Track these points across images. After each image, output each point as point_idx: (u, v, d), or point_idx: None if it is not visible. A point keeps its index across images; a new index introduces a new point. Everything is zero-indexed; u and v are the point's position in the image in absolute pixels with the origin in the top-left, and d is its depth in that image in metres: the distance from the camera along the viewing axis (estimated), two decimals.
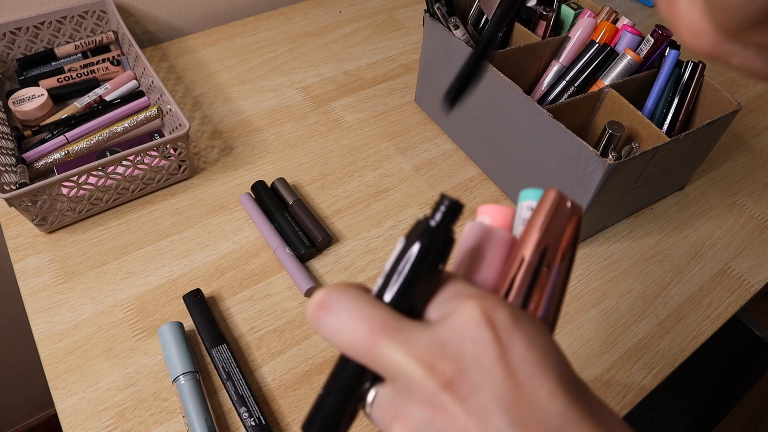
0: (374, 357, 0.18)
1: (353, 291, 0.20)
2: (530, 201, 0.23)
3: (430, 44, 0.64)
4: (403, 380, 0.18)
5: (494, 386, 0.17)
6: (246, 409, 0.43)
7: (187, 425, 0.42)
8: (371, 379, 0.19)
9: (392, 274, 0.20)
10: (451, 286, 0.20)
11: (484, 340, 0.17)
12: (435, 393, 0.17)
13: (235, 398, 0.44)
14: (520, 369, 0.17)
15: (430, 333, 0.18)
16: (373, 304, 0.19)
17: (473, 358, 0.17)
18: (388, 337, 0.18)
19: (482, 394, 0.17)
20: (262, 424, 0.43)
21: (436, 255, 0.20)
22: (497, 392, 0.17)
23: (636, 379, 0.49)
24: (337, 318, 0.19)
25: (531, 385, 0.17)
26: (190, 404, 0.43)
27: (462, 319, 0.18)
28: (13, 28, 0.67)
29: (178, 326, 0.47)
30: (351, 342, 0.19)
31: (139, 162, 0.55)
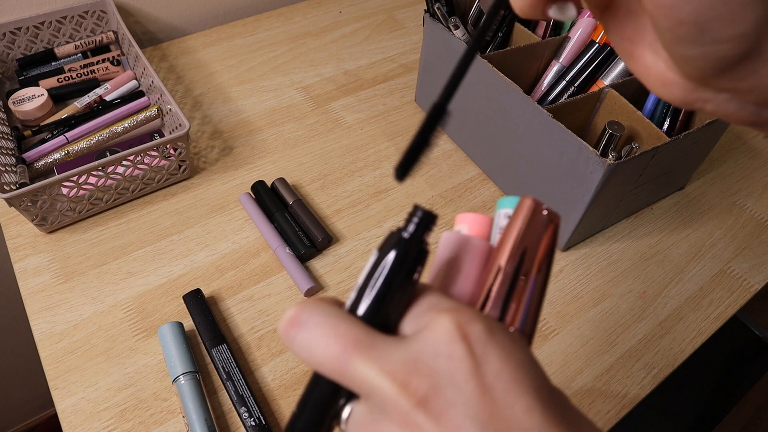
0: (347, 374, 0.18)
1: (325, 306, 0.19)
2: (507, 209, 0.22)
3: (430, 44, 0.64)
4: (376, 398, 0.17)
5: (469, 402, 0.16)
6: (246, 409, 0.43)
7: (187, 425, 0.42)
8: (346, 396, 0.19)
9: (365, 287, 0.19)
10: (426, 299, 0.20)
11: (458, 355, 0.17)
12: (408, 411, 0.17)
13: (235, 398, 0.44)
14: (495, 384, 0.17)
15: (404, 348, 0.18)
16: (346, 320, 0.19)
17: (447, 374, 0.17)
18: (361, 353, 0.18)
19: (456, 410, 0.16)
20: (262, 424, 0.43)
21: (409, 267, 0.19)
22: (472, 408, 0.16)
23: (636, 379, 0.49)
24: (309, 335, 0.19)
25: (506, 401, 0.17)
26: (190, 404, 0.43)
27: (436, 334, 0.18)
28: (13, 28, 0.67)
29: (178, 326, 0.47)
30: (323, 359, 0.18)
31: (139, 162, 0.55)
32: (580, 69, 0.59)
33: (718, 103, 0.19)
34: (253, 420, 0.43)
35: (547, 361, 0.49)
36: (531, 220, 0.21)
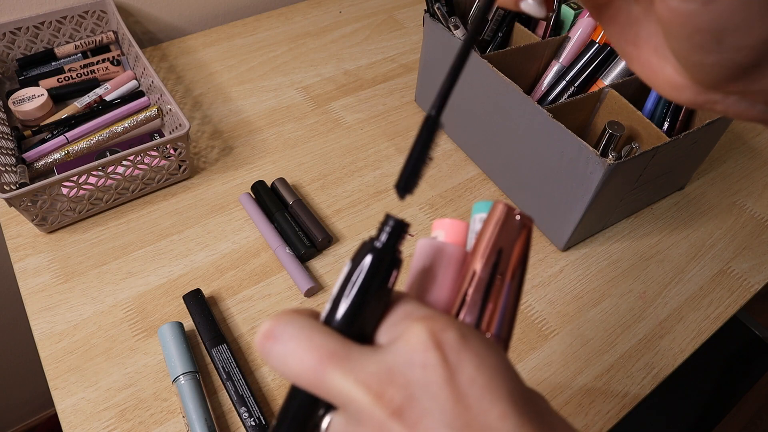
0: (323, 386, 0.18)
1: (300, 319, 0.19)
2: (482, 213, 0.22)
3: (430, 44, 0.64)
4: (352, 408, 0.17)
5: (443, 411, 0.16)
6: (246, 409, 0.43)
7: (187, 425, 0.42)
8: (325, 407, 0.19)
9: (340, 297, 0.19)
10: (400, 308, 0.20)
11: (431, 364, 0.17)
12: (384, 421, 0.17)
13: (235, 398, 0.44)
14: (469, 391, 0.17)
15: (378, 359, 0.18)
16: (321, 331, 0.19)
17: (421, 384, 0.17)
18: (336, 365, 0.18)
19: (431, 419, 0.16)
20: (262, 424, 0.43)
21: (383, 275, 0.19)
22: (446, 417, 0.16)
23: (636, 379, 0.49)
24: (284, 347, 0.19)
25: (481, 408, 0.17)
26: (190, 404, 0.43)
27: (410, 343, 0.18)
28: (13, 28, 0.67)
29: (178, 326, 0.47)
30: (299, 372, 0.18)
31: (139, 162, 0.55)
32: (580, 69, 0.59)
33: (727, 104, 0.19)
34: (253, 420, 0.43)
35: (547, 361, 0.49)
36: (504, 225, 0.21)
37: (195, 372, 0.45)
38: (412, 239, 0.58)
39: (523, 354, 0.50)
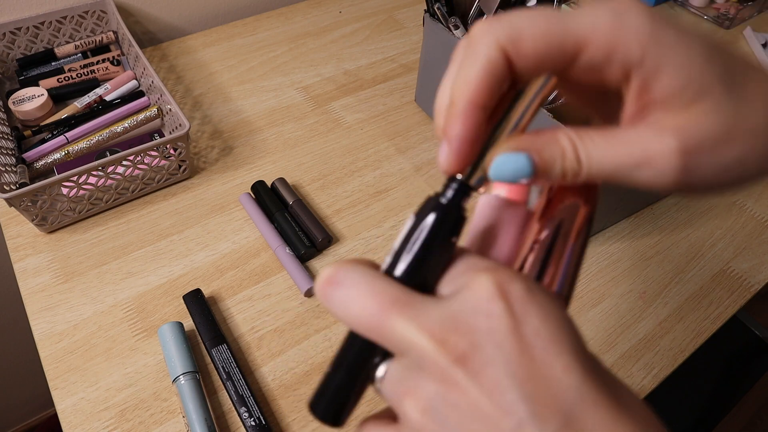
0: (384, 332, 0.18)
1: (363, 266, 0.19)
2: None
3: (430, 44, 0.64)
4: (414, 355, 0.17)
5: (507, 360, 0.16)
6: (246, 409, 0.43)
7: (187, 425, 0.42)
8: (381, 355, 0.19)
9: (402, 251, 0.19)
10: (463, 261, 0.19)
11: (497, 314, 0.17)
12: (447, 368, 0.17)
13: (235, 398, 0.44)
14: (534, 342, 0.17)
15: (442, 307, 0.18)
16: (383, 279, 0.19)
17: (486, 332, 0.17)
18: (399, 311, 0.18)
19: (495, 368, 0.16)
20: (262, 424, 0.43)
21: (446, 233, 0.19)
22: (511, 366, 0.16)
23: (636, 379, 0.49)
24: (346, 293, 0.19)
25: (545, 359, 0.16)
26: (190, 404, 0.43)
27: (475, 293, 0.18)
28: (13, 28, 0.67)
29: (178, 326, 0.47)
30: (360, 317, 0.18)
31: (139, 162, 0.55)
32: None
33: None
34: (253, 420, 0.43)
35: None
36: (570, 185, 0.21)
37: (195, 372, 0.45)
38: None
39: None
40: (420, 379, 0.17)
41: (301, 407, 0.46)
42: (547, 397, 0.16)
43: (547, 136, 0.20)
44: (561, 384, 0.16)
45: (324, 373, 0.20)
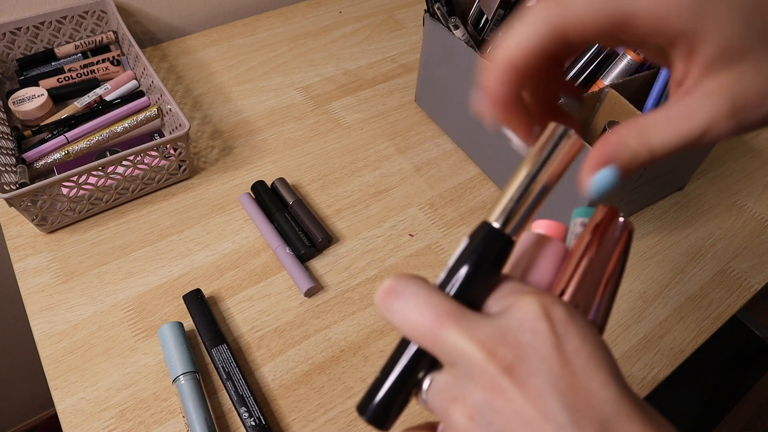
0: (438, 341, 0.19)
1: (420, 281, 0.21)
2: (583, 218, 0.24)
3: (430, 44, 0.64)
4: (464, 364, 0.19)
5: (551, 372, 0.18)
6: (246, 409, 0.43)
7: (187, 425, 0.42)
8: (427, 367, 0.21)
9: (455, 269, 0.21)
10: (508, 285, 0.21)
11: (542, 330, 0.19)
12: (495, 376, 0.18)
13: (235, 398, 0.44)
14: (575, 359, 0.18)
15: (492, 322, 0.19)
16: (439, 294, 0.20)
17: (532, 346, 0.18)
18: (453, 322, 0.19)
19: (539, 379, 0.18)
20: (262, 424, 0.43)
21: (497, 255, 0.21)
22: (553, 378, 0.18)
23: (636, 379, 0.49)
24: (405, 303, 0.20)
25: (585, 374, 0.18)
26: (190, 404, 0.43)
27: (521, 311, 0.19)
28: (13, 28, 0.67)
29: (178, 326, 0.47)
30: (417, 325, 0.20)
31: (139, 162, 0.55)
32: (580, 69, 0.59)
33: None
34: (253, 420, 0.43)
35: None
36: (608, 225, 0.23)
37: (195, 372, 0.45)
38: (411, 239, 0.58)
39: None
40: (468, 386, 0.19)
41: (301, 407, 0.46)
42: (586, 407, 0.17)
43: (616, 141, 0.21)
44: (599, 397, 0.18)
45: (374, 378, 0.21)
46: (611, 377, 0.18)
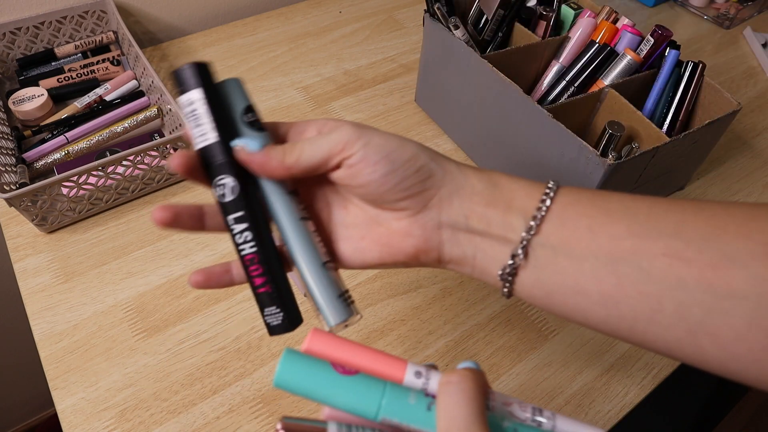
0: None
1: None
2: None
3: (430, 44, 0.64)
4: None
5: None
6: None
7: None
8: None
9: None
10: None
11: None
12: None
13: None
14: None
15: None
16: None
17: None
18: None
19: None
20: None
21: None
22: None
23: (636, 379, 0.49)
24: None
25: None
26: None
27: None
28: (13, 28, 0.67)
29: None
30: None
31: (139, 162, 0.55)
32: (580, 69, 0.59)
33: (443, 234, 0.29)
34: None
35: (546, 361, 0.49)
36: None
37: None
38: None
39: (523, 354, 0.50)
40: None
41: (301, 407, 0.46)
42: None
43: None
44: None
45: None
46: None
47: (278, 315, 0.29)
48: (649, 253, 0.24)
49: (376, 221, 0.30)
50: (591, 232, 0.26)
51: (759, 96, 0.79)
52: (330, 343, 0.24)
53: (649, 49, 0.57)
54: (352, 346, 0.24)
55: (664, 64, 0.57)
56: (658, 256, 0.24)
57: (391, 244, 0.29)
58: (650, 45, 0.57)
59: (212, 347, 0.48)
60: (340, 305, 0.29)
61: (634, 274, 0.24)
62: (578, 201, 0.27)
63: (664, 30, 0.56)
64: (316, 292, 0.29)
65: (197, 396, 0.45)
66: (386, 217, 0.29)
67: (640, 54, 0.58)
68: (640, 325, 0.25)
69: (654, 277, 0.24)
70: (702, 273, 0.23)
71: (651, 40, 0.57)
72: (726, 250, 0.23)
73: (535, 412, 0.23)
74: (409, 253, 0.29)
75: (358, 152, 0.27)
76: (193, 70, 0.28)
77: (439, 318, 0.52)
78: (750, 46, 0.88)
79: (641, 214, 0.25)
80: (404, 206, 0.28)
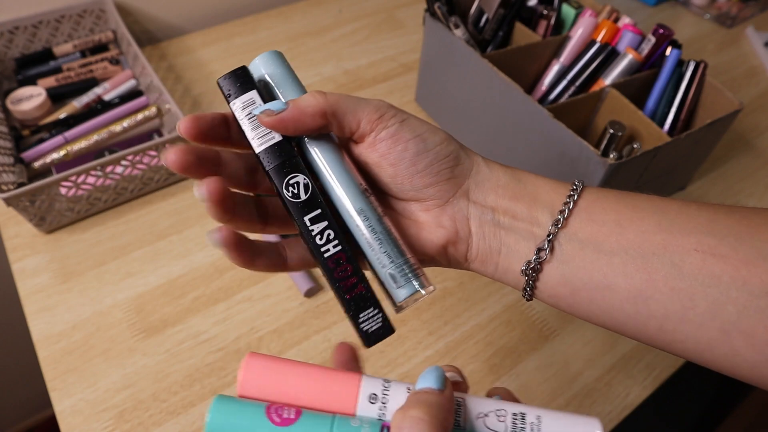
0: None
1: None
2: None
3: (430, 43, 0.64)
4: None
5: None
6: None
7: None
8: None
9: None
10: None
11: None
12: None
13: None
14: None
15: None
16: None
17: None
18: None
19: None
20: None
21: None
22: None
23: (637, 379, 0.48)
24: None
25: None
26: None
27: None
28: (11, 27, 0.67)
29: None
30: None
31: (138, 162, 0.55)
32: (581, 68, 0.58)
33: (472, 216, 0.27)
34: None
35: (548, 361, 0.49)
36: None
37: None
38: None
39: (524, 355, 0.50)
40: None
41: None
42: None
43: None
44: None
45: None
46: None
47: (377, 317, 0.26)
48: (680, 248, 0.23)
49: (402, 214, 0.28)
50: (620, 226, 0.25)
51: (761, 95, 0.79)
52: (268, 370, 0.22)
53: (650, 48, 0.57)
54: (296, 370, 0.22)
55: (666, 64, 0.57)
56: (690, 252, 0.23)
57: (420, 237, 0.27)
58: (651, 44, 0.57)
59: (211, 348, 0.48)
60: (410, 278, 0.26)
61: (666, 269, 0.23)
62: (605, 197, 0.26)
63: (666, 29, 0.56)
64: (382, 264, 0.26)
65: (196, 397, 0.45)
66: (412, 209, 0.28)
67: (641, 53, 0.57)
68: (671, 323, 0.24)
69: (686, 272, 0.23)
70: (737, 270, 0.22)
71: (652, 40, 0.57)
72: (761, 248, 0.22)
73: (516, 421, 0.21)
74: (439, 246, 0.27)
75: (393, 125, 0.26)
76: (238, 74, 0.27)
77: (440, 318, 0.51)
78: (752, 45, 0.88)
79: (671, 211, 0.25)
80: (432, 194, 0.27)
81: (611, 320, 0.26)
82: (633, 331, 0.25)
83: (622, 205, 0.26)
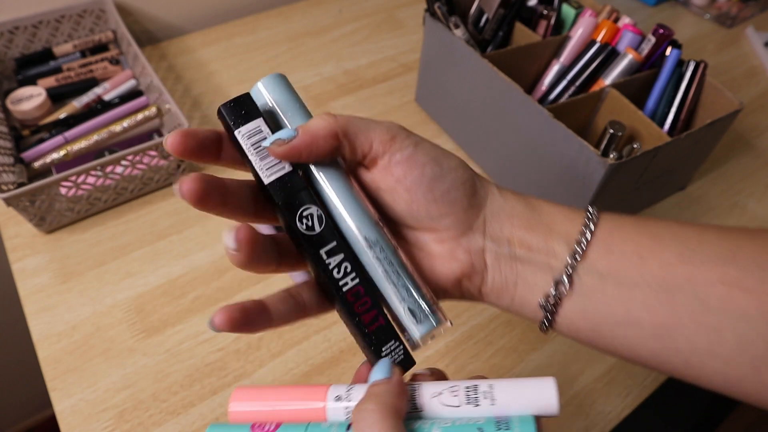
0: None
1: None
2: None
3: (430, 43, 0.64)
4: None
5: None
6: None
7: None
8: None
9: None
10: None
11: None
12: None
13: None
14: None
15: None
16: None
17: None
18: None
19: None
20: None
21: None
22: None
23: (637, 380, 0.48)
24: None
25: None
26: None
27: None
28: (11, 27, 0.67)
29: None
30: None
31: (138, 162, 0.55)
32: (581, 68, 0.58)
33: (489, 250, 0.26)
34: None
35: (548, 362, 0.49)
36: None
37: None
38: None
39: (523, 354, 0.50)
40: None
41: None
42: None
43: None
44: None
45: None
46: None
47: (399, 350, 0.26)
48: (705, 280, 0.23)
49: (416, 246, 0.27)
50: (640, 257, 0.24)
51: (761, 95, 0.79)
52: (252, 396, 0.25)
53: (650, 48, 0.57)
54: (275, 392, 0.25)
55: (666, 64, 0.57)
56: (715, 284, 0.22)
57: (434, 270, 0.26)
58: (651, 44, 0.57)
59: (211, 348, 0.48)
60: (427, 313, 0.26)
61: (690, 302, 0.23)
62: (622, 226, 0.25)
63: (666, 29, 0.56)
64: (401, 299, 0.26)
65: (196, 397, 0.45)
66: (426, 240, 0.27)
67: (641, 53, 0.57)
68: (697, 358, 0.23)
69: (712, 306, 0.22)
70: (765, 304, 0.21)
71: (652, 40, 0.57)
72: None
73: (469, 393, 0.22)
74: (453, 279, 0.26)
75: (408, 148, 0.25)
76: (242, 101, 0.26)
77: None
78: (752, 45, 0.88)
79: (692, 240, 0.24)
80: (448, 225, 0.26)
81: (634, 355, 0.25)
82: (656, 364, 0.25)
83: (640, 234, 0.25)
